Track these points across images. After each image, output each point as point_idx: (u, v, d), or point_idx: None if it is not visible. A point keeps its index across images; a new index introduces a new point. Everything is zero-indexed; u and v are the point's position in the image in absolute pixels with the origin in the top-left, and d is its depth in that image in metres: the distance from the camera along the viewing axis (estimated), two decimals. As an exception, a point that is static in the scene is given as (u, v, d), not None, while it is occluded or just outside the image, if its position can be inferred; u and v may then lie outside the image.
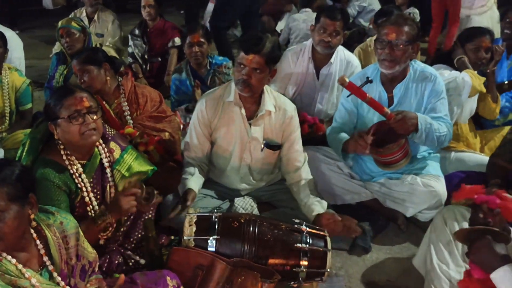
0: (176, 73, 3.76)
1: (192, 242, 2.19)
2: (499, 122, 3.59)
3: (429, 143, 2.72)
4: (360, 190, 2.96)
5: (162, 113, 2.98)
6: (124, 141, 2.44)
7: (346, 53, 3.60)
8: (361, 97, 2.55)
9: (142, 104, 2.93)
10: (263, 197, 2.83)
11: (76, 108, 2.07)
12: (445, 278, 2.19)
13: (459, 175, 2.93)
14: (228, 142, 2.67)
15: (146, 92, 2.99)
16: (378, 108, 2.57)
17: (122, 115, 2.87)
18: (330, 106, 3.59)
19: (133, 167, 2.37)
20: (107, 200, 2.28)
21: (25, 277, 1.59)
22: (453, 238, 2.25)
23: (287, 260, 2.21)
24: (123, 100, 2.88)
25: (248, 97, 2.55)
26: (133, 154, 2.42)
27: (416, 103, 2.78)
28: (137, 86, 2.97)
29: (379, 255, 2.70)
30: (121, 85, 2.91)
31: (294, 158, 2.68)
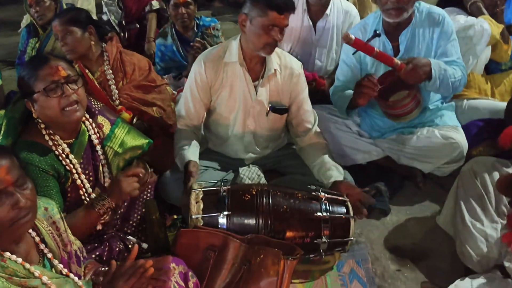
0: (160, 38, 3.44)
1: (200, 220, 1.96)
2: (506, 66, 3.36)
3: (443, 90, 2.49)
4: (370, 149, 2.75)
5: (152, 82, 2.66)
6: (112, 114, 2.16)
7: (344, 2, 3.31)
8: (368, 52, 2.32)
9: (129, 72, 2.60)
10: (269, 165, 2.59)
11: (52, 79, 1.78)
12: (480, 237, 2.00)
13: (477, 124, 2.72)
14: (230, 108, 2.40)
15: (134, 59, 2.65)
16: (387, 61, 2.34)
17: (106, 84, 2.54)
18: (329, 62, 3.32)
19: (126, 142, 2.10)
20: (101, 181, 2.01)
21: (35, 276, 1.37)
22: (484, 192, 2.06)
23: (306, 232, 1.99)
24: (107, 68, 2.55)
25: (254, 57, 2.29)
26: (125, 128, 2.14)
27: (425, 49, 2.54)
28: (123, 52, 2.64)
29: (399, 217, 2.50)
30: (105, 52, 2.57)
31: (305, 119, 2.44)
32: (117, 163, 2.08)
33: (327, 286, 2.07)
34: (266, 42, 2.18)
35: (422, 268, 2.17)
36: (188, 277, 1.72)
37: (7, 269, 1.31)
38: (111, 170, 2.05)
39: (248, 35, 2.22)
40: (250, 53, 2.27)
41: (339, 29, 3.26)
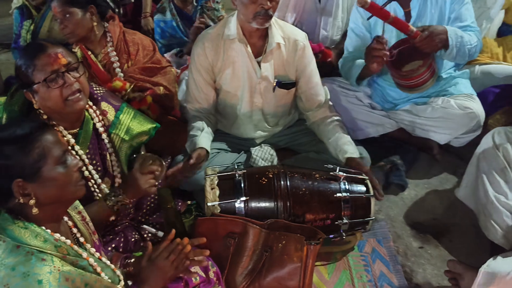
0: (158, 14, 3.27)
1: (217, 208, 1.86)
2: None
3: (460, 58, 2.36)
4: (383, 121, 2.64)
5: (157, 64, 2.50)
6: (116, 100, 2.02)
7: None
8: (384, 18, 2.16)
9: (134, 53, 2.44)
10: (281, 143, 2.48)
11: (52, 68, 1.63)
12: (505, 211, 1.91)
13: (493, 91, 2.61)
14: (235, 87, 2.27)
15: (137, 39, 2.49)
16: (402, 28, 2.19)
17: (110, 67, 2.38)
18: (335, 31, 3.17)
19: (132, 128, 1.98)
20: (110, 170, 1.90)
21: (82, 257, 1.32)
22: (507, 164, 1.97)
23: (327, 214, 1.90)
24: (111, 50, 2.38)
25: (254, 31, 2.14)
26: (130, 113, 2.01)
27: (438, 14, 2.41)
28: (126, 32, 2.46)
29: (417, 191, 2.41)
30: (107, 32, 2.40)
31: (315, 93, 2.31)
32: (125, 150, 1.96)
33: (350, 268, 2.00)
34: (254, 11, 2.02)
35: (445, 244, 2.10)
36: (208, 266, 1.65)
37: (60, 248, 1.25)
38: (119, 159, 1.94)
39: (238, 8, 2.09)
40: (248, 27, 2.13)
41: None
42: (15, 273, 1.13)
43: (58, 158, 1.26)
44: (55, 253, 1.22)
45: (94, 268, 1.33)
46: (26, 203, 1.21)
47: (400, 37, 2.36)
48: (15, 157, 1.20)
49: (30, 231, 1.22)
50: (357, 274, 1.97)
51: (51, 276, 1.15)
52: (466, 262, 1.87)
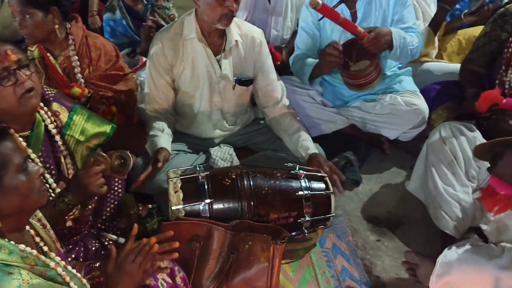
0: (108, 13, 3.14)
1: (181, 211, 1.82)
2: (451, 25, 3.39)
3: (403, 58, 2.46)
4: (335, 118, 2.69)
5: (120, 71, 2.38)
6: (69, 100, 1.91)
7: None
8: (334, 19, 2.21)
9: (96, 58, 2.30)
10: (239, 142, 2.47)
11: (2, 66, 1.53)
12: (454, 202, 2.01)
13: (434, 87, 2.70)
14: (194, 87, 2.24)
15: (100, 43, 2.35)
16: (351, 29, 2.25)
17: (71, 71, 2.24)
18: (286, 30, 3.18)
19: (87, 128, 1.88)
20: (65, 173, 1.80)
21: (50, 267, 1.23)
22: (454, 157, 2.06)
23: (290, 212, 1.92)
24: (72, 54, 2.24)
25: (213, 30, 2.12)
26: (84, 114, 1.90)
27: (382, 15, 2.49)
28: (89, 36, 2.32)
29: (371, 186, 2.48)
30: (69, 34, 2.25)
31: (272, 89, 2.33)
32: (81, 152, 1.86)
33: (313, 264, 2.02)
34: (221, 13, 2.01)
35: (400, 235, 2.18)
36: (174, 272, 1.61)
37: (27, 259, 1.17)
38: (75, 161, 1.84)
39: (203, 9, 2.05)
40: (208, 27, 2.11)
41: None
42: None
43: (19, 165, 1.20)
44: (22, 265, 1.14)
45: (63, 278, 1.25)
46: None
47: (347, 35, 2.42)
48: None
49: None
50: (320, 270, 2.00)
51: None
52: (420, 252, 1.95)
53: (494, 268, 1.56)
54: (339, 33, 2.49)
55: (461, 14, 3.37)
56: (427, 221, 2.15)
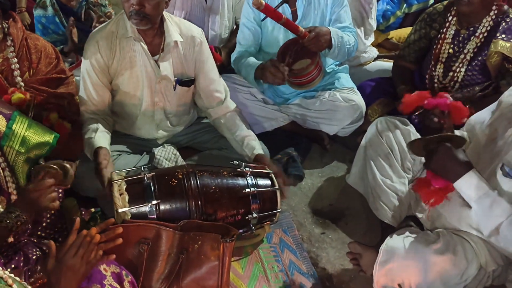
0: (39, 9, 2.94)
1: (128, 214, 1.76)
2: (383, 26, 3.54)
3: (341, 57, 2.53)
4: (276, 115, 2.72)
5: (61, 74, 2.25)
6: (6, 107, 1.77)
7: None
8: (277, 19, 2.23)
9: (36, 61, 2.15)
10: (183, 142, 2.42)
11: None
12: (391, 193, 2.09)
13: (369, 84, 2.80)
14: (134, 87, 2.16)
15: (41, 45, 2.20)
16: (292, 28, 2.29)
17: (9, 74, 2.08)
18: (224, 29, 3.16)
19: (29, 139, 1.75)
20: (4, 187, 1.67)
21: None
22: (390, 150, 2.15)
23: (237, 210, 1.91)
24: (12, 56, 2.08)
25: (148, 29, 2.04)
26: (24, 122, 1.77)
27: (320, 14, 2.56)
28: (28, 37, 2.16)
29: (313, 180, 2.52)
30: (8, 35, 2.09)
31: (214, 89, 2.28)
32: (21, 164, 1.74)
33: (261, 260, 2.03)
34: (128, 10, 1.94)
35: (342, 227, 2.23)
36: (122, 277, 1.54)
37: None
38: (15, 173, 1.72)
39: None
40: None
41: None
42: None
43: None
44: None
45: (5, 281, 1.15)
46: None
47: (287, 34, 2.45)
48: None
49: None
50: (269, 265, 2.01)
51: None
52: (362, 241, 2.02)
53: (431, 253, 1.65)
54: (280, 31, 2.52)
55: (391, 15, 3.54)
56: (367, 212, 2.23)
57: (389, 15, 3.53)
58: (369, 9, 2.97)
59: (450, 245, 1.70)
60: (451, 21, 2.29)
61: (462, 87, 2.31)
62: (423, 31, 2.42)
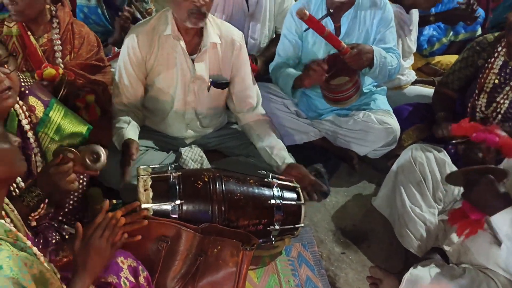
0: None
1: (150, 210, 1.79)
2: (426, 51, 3.53)
3: (381, 77, 2.53)
4: (308, 129, 2.72)
5: (100, 62, 2.34)
6: (46, 94, 1.84)
7: None
8: (319, 31, 2.24)
9: (77, 46, 2.25)
10: (210, 145, 2.45)
11: None
12: (420, 222, 2.08)
13: (406, 108, 2.80)
14: (168, 84, 2.21)
15: (84, 32, 2.30)
16: (335, 43, 2.30)
17: (51, 55, 2.18)
18: (263, 38, 3.18)
19: (63, 127, 1.82)
20: (34, 172, 1.73)
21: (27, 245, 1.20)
22: (423, 178, 2.14)
23: (260, 219, 1.93)
24: (56, 37, 2.18)
25: (189, 29, 2.09)
26: (60, 110, 1.85)
27: (365, 33, 2.54)
28: (74, 23, 2.26)
29: (338, 199, 2.53)
30: (55, 18, 2.19)
31: (247, 94, 2.32)
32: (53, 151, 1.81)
33: (278, 272, 2.04)
34: (187, 9, 1.98)
35: (364, 250, 2.23)
36: (138, 271, 1.58)
37: (10, 232, 1.16)
38: (46, 159, 1.77)
39: (171, 6, 2.04)
40: (183, 25, 2.08)
41: (272, 5, 3.13)
42: None
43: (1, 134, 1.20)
44: (6, 238, 1.13)
45: (38, 257, 1.22)
46: None
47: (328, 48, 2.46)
48: None
49: None
50: (285, 278, 2.02)
51: (11, 261, 1.07)
52: (383, 267, 2.01)
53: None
54: (321, 45, 2.53)
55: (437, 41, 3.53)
56: (390, 238, 2.22)
57: (434, 41, 3.52)
58: (409, 31, 2.96)
59: (475, 282, 1.69)
60: (500, 52, 2.29)
61: (504, 119, 2.29)
62: (471, 59, 2.41)
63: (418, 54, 3.38)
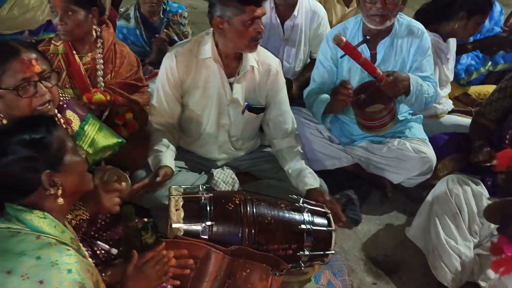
0: (122, 20, 3.19)
1: (181, 230, 1.81)
2: (464, 80, 3.51)
3: (417, 106, 2.52)
4: (340, 155, 2.73)
5: (139, 82, 2.44)
6: (82, 109, 1.94)
7: (312, 2, 3.22)
8: (355, 58, 2.27)
9: (118, 65, 2.35)
10: (242, 167, 2.48)
11: (24, 76, 1.55)
12: (455, 255, 2.05)
13: (442, 137, 2.77)
14: (203, 105, 2.26)
15: (125, 52, 2.41)
16: (370, 70, 2.31)
17: (93, 73, 2.28)
18: (298, 62, 3.24)
19: (97, 141, 1.90)
20: None
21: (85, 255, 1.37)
22: (459, 210, 2.10)
23: (290, 244, 1.92)
24: (99, 56, 2.28)
25: (231, 53, 2.15)
26: (95, 125, 1.94)
27: (401, 61, 2.55)
28: (116, 43, 2.38)
29: (370, 227, 2.50)
30: (99, 37, 2.30)
31: (283, 121, 2.34)
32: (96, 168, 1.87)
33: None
34: (250, 37, 2.04)
35: (396, 281, 2.19)
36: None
37: (74, 240, 1.30)
38: None
39: (229, 37, 2.07)
40: (226, 50, 2.14)
41: (307, 29, 3.19)
42: (41, 262, 1.13)
43: (73, 148, 1.35)
44: (72, 245, 1.24)
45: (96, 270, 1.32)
46: (54, 193, 1.27)
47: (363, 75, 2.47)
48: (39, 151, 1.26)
49: (49, 221, 1.24)
50: (313, 306, 2.00)
51: (79, 266, 1.17)
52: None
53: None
54: (356, 72, 2.54)
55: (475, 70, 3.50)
56: (424, 269, 2.19)
57: (472, 70, 3.50)
58: (446, 60, 2.95)
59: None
60: (539, 84, 2.26)
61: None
62: (509, 90, 2.39)
63: (456, 83, 3.36)
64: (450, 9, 2.87)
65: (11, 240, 1.19)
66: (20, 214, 1.23)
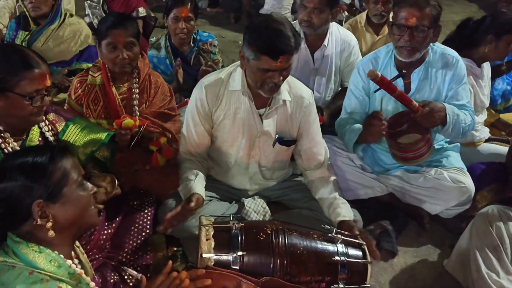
0: (153, 49, 3.29)
1: (211, 260, 1.83)
2: (501, 106, 3.48)
3: (454, 135, 2.50)
4: (373, 184, 2.70)
5: (172, 111, 2.53)
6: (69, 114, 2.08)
7: (342, 31, 3.25)
8: (391, 91, 2.28)
9: (153, 95, 2.45)
10: (273, 196, 2.50)
11: (37, 87, 1.73)
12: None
13: (480, 167, 2.73)
14: (233, 137, 2.29)
15: (160, 82, 2.51)
16: (405, 102, 2.31)
17: (128, 103, 2.38)
18: (328, 92, 3.25)
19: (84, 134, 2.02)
20: None
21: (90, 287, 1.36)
22: (500, 242, 2.06)
23: (323, 276, 1.90)
24: (135, 87, 2.38)
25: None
26: (82, 123, 2.06)
27: (436, 90, 2.53)
28: (151, 73, 2.48)
29: (406, 259, 2.46)
30: (135, 68, 2.41)
31: (316, 152, 2.36)
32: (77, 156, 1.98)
33: (340, 334, 1.98)
34: (263, 82, 2.07)
35: (435, 316, 2.14)
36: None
37: (74, 275, 1.29)
38: None
39: (247, 72, 2.13)
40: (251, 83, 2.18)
41: (338, 59, 3.20)
42: None
43: (77, 181, 1.34)
44: (68, 280, 1.23)
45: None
46: (43, 225, 1.25)
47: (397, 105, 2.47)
48: (37, 179, 1.26)
49: (44, 255, 1.24)
50: None
51: None
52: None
53: None
54: (389, 102, 2.53)
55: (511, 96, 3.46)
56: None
57: (508, 96, 3.46)
58: (481, 85, 2.93)
59: None
60: None
61: None
62: None
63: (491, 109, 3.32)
64: (476, 35, 2.87)
65: (6, 274, 1.20)
66: (17, 247, 1.25)
